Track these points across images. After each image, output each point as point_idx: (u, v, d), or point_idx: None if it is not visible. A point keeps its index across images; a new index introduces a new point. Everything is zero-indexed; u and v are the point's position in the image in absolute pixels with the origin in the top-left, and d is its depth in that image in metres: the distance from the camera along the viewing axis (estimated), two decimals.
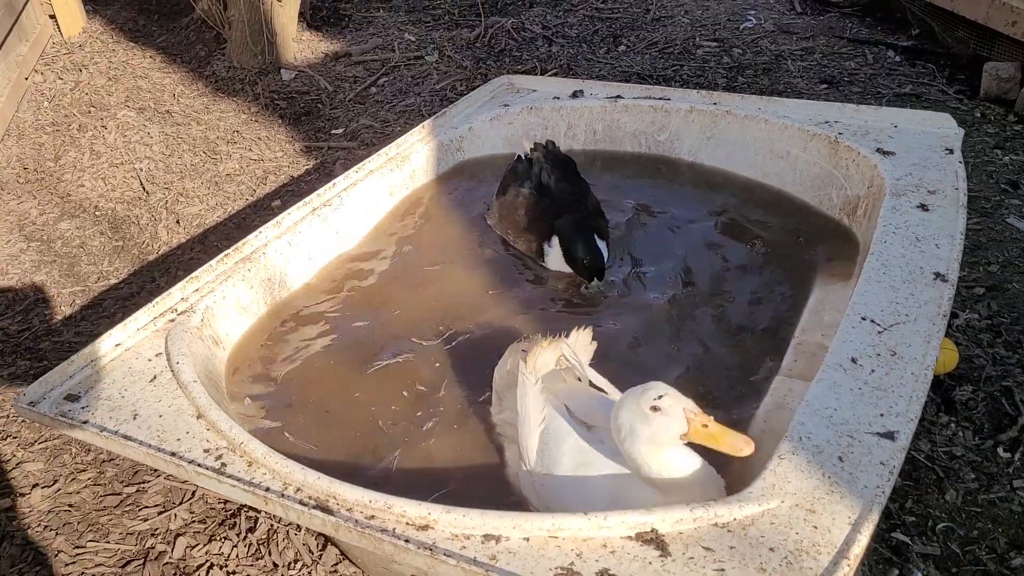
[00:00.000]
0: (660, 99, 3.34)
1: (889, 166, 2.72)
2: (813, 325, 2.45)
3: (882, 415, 1.79)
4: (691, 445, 1.73)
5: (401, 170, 3.10)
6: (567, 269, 2.74)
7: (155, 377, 2.10)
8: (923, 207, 2.50)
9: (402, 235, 2.98)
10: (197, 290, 2.41)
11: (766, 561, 1.50)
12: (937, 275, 2.21)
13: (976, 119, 4.46)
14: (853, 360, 1.94)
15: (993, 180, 3.93)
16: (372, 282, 2.77)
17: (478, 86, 5.22)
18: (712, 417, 1.71)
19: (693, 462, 1.75)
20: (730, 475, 1.84)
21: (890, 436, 1.73)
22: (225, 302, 2.44)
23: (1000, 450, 2.55)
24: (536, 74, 5.30)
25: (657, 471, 1.72)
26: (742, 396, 2.25)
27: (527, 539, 1.58)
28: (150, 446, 1.88)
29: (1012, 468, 2.49)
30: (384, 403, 2.29)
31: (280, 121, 4.91)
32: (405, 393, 2.32)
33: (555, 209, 2.81)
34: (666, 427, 1.69)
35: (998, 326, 3.01)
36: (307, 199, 2.80)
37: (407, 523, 1.64)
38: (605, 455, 1.84)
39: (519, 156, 3.05)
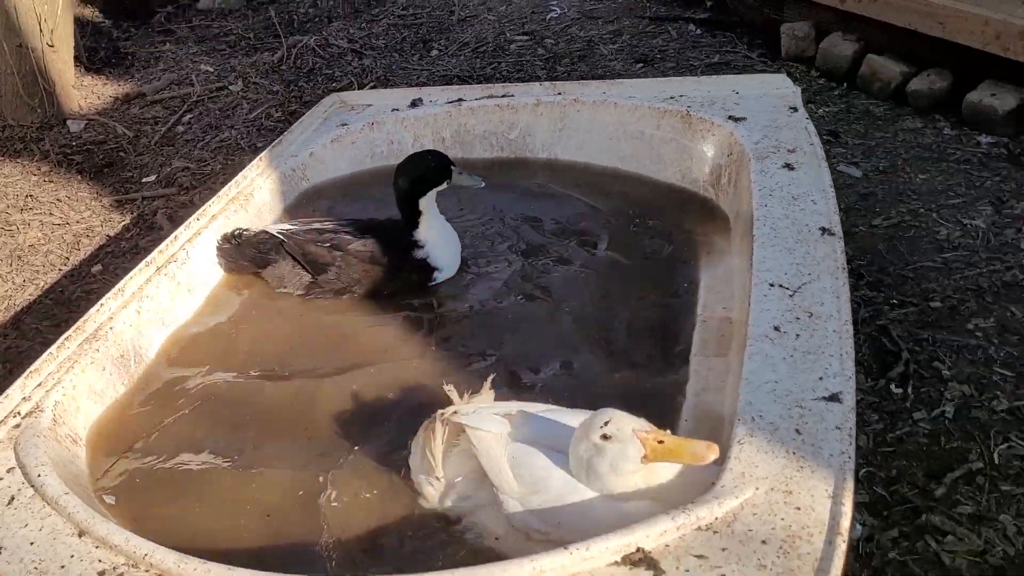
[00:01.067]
0: (504, 96, 3.25)
1: (745, 131, 2.75)
2: (712, 300, 2.43)
3: (821, 378, 1.76)
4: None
5: (246, 210, 2.83)
6: (446, 234, 2.64)
7: (13, 499, 1.76)
8: (788, 166, 2.54)
9: (254, 285, 2.70)
10: (40, 384, 2.06)
11: (763, 556, 1.42)
12: (823, 230, 2.24)
13: None
14: (776, 328, 1.91)
15: None
16: (236, 338, 2.49)
17: (295, 110, 4.96)
18: (667, 431, 1.61)
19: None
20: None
21: (836, 399, 1.71)
22: (76, 392, 2.10)
23: (892, 387, 2.64)
24: (353, 89, 5.08)
25: (635, 487, 1.61)
26: (662, 385, 2.18)
27: None
28: None
29: (908, 402, 2.57)
30: (284, 472, 2.03)
31: (79, 177, 4.42)
32: (301, 456, 2.07)
33: (376, 227, 2.67)
34: (622, 455, 1.58)
35: (857, 269, 3.12)
36: (148, 258, 2.48)
37: None
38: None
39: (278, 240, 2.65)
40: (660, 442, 1.58)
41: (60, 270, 3.65)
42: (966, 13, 3.81)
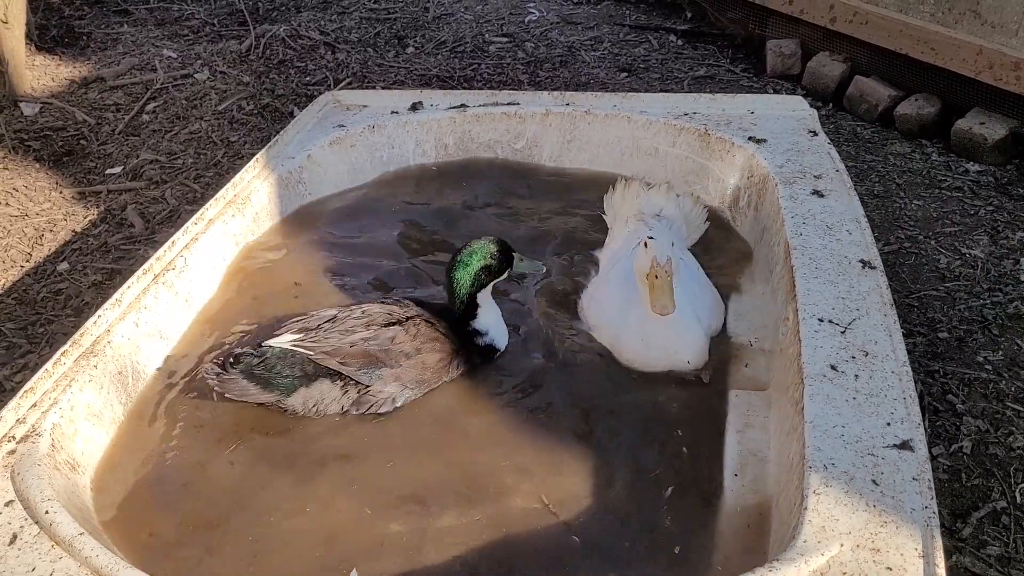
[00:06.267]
0: (510, 104, 3.13)
1: (767, 154, 2.70)
2: (740, 329, 2.36)
3: (888, 424, 1.71)
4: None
5: (244, 214, 2.65)
6: (498, 313, 2.33)
7: (15, 537, 1.58)
8: (818, 193, 2.49)
9: (259, 290, 2.54)
10: (35, 405, 1.87)
11: None
12: (864, 263, 2.19)
13: None
14: (833, 367, 1.85)
15: None
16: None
17: (268, 103, 4.75)
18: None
19: None
20: None
21: (907, 447, 1.65)
22: (74, 414, 1.92)
23: None
24: (329, 85, 4.89)
25: None
26: (699, 418, 2.11)
27: None
28: None
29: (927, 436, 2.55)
30: (321, 503, 1.89)
31: (37, 166, 4.13)
32: (330, 481, 1.94)
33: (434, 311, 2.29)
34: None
35: None
36: (145, 266, 2.29)
37: None
38: None
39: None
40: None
41: (22, 267, 3.39)
42: (960, 41, 3.84)
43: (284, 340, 2.07)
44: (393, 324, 2.15)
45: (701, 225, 2.71)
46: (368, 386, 2.09)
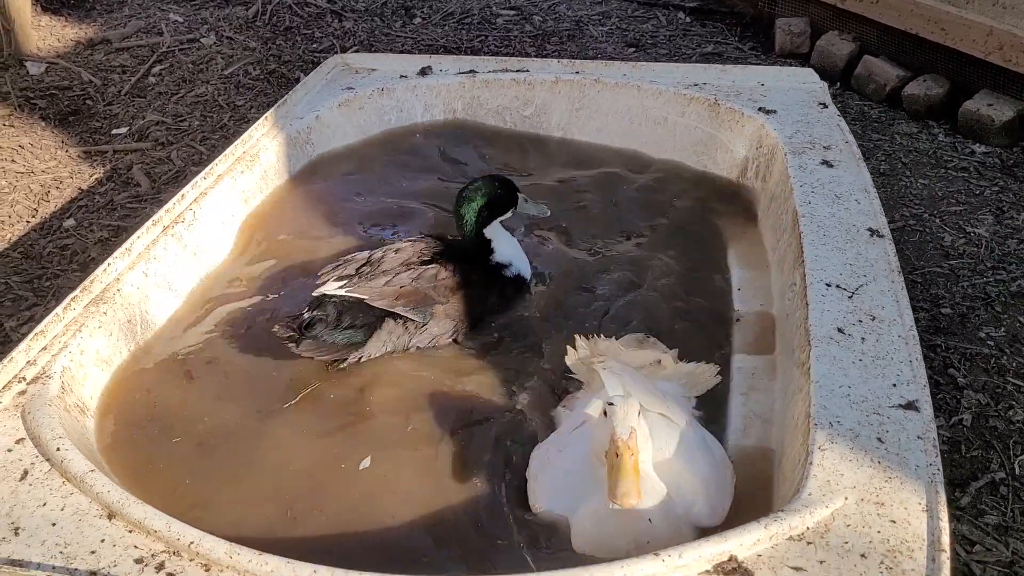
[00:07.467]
0: (519, 71, 3.12)
1: (777, 124, 2.70)
2: (748, 296, 2.37)
3: (895, 385, 1.72)
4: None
5: (252, 171, 2.65)
6: (516, 245, 2.39)
7: (27, 473, 1.59)
8: (827, 163, 2.50)
9: (268, 245, 2.54)
10: (45, 348, 1.88)
11: (864, 570, 1.36)
12: (872, 231, 2.20)
13: None
14: (840, 330, 1.86)
15: None
16: (245, 308, 2.33)
17: (274, 69, 4.73)
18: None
19: None
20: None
21: (913, 407, 1.67)
22: (84, 358, 1.93)
23: None
24: (336, 53, 4.86)
25: None
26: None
27: None
28: (55, 568, 1.41)
29: None
30: (315, 449, 1.91)
31: (43, 124, 4.12)
32: (330, 429, 1.95)
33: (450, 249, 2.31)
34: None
35: None
36: (155, 217, 2.30)
37: None
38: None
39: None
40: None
41: (28, 222, 3.38)
42: (970, 21, 3.83)
43: (332, 288, 2.08)
44: (429, 261, 2.19)
45: (710, 380, 2.08)
46: (425, 324, 2.14)
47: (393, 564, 1.63)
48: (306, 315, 2.06)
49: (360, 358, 2.11)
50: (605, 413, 1.64)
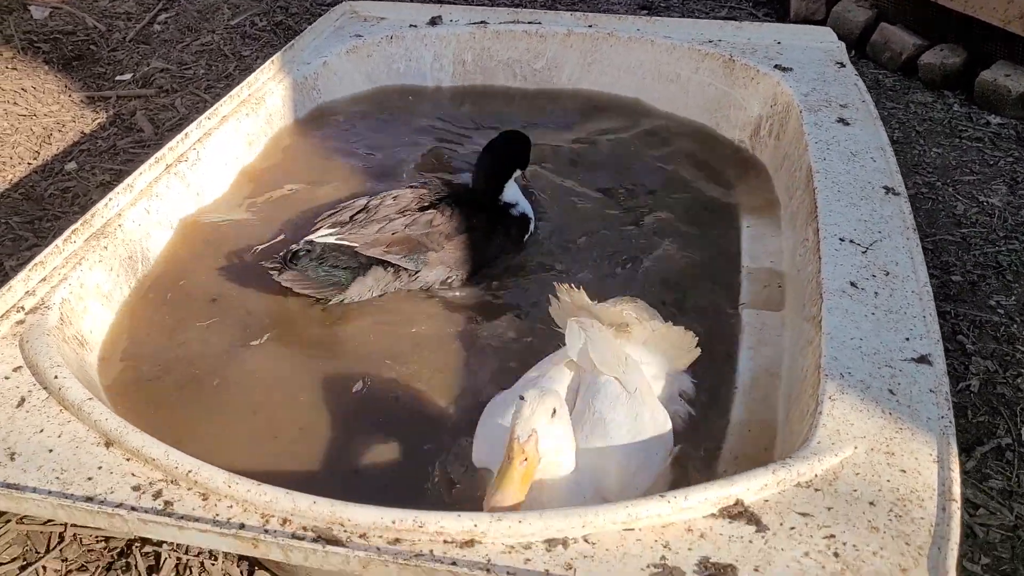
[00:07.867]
0: (531, 23, 3.06)
1: (793, 82, 2.65)
2: (758, 252, 2.34)
3: (907, 339, 1.69)
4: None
5: (257, 114, 2.61)
6: (522, 198, 2.40)
7: (23, 400, 1.57)
8: (843, 121, 2.45)
9: (272, 187, 2.50)
10: (44, 279, 1.85)
11: (873, 517, 1.34)
12: (887, 189, 2.16)
13: None
14: (853, 284, 1.83)
15: None
16: (246, 249, 2.29)
17: (281, 20, 4.66)
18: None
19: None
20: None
21: (926, 361, 1.64)
22: (83, 291, 1.90)
23: None
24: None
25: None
26: (714, 335, 2.09)
27: (598, 538, 1.32)
28: (51, 493, 1.39)
29: None
30: (308, 385, 1.89)
31: (47, 68, 4.06)
32: (325, 368, 1.94)
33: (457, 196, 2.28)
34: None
35: None
36: (158, 155, 2.26)
37: (447, 541, 1.31)
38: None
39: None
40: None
41: (29, 164, 3.34)
42: None
43: (324, 235, 2.04)
44: (427, 208, 2.13)
45: (690, 351, 1.88)
46: (417, 271, 2.10)
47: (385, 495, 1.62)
48: (293, 247, 2.04)
49: (343, 300, 2.08)
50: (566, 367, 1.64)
